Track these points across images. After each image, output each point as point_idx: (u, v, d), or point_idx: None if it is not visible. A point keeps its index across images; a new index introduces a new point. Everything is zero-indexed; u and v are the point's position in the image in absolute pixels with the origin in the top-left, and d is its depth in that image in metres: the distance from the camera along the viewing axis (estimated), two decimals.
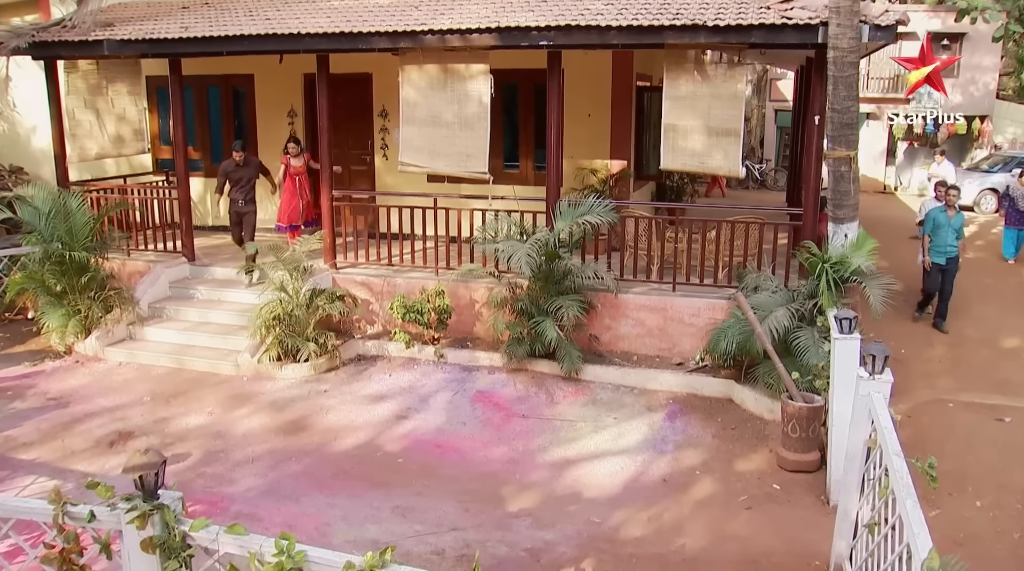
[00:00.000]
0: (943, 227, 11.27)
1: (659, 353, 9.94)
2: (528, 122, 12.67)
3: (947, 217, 11.31)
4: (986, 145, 26.40)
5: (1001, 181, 23.19)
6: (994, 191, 23.16)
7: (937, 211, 11.43)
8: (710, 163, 9.42)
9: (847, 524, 5.75)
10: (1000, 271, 14.88)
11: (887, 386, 5.54)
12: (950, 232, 11.29)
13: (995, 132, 26.64)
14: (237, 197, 11.58)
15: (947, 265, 11.31)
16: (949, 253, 11.30)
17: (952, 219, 11.33)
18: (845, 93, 8.50)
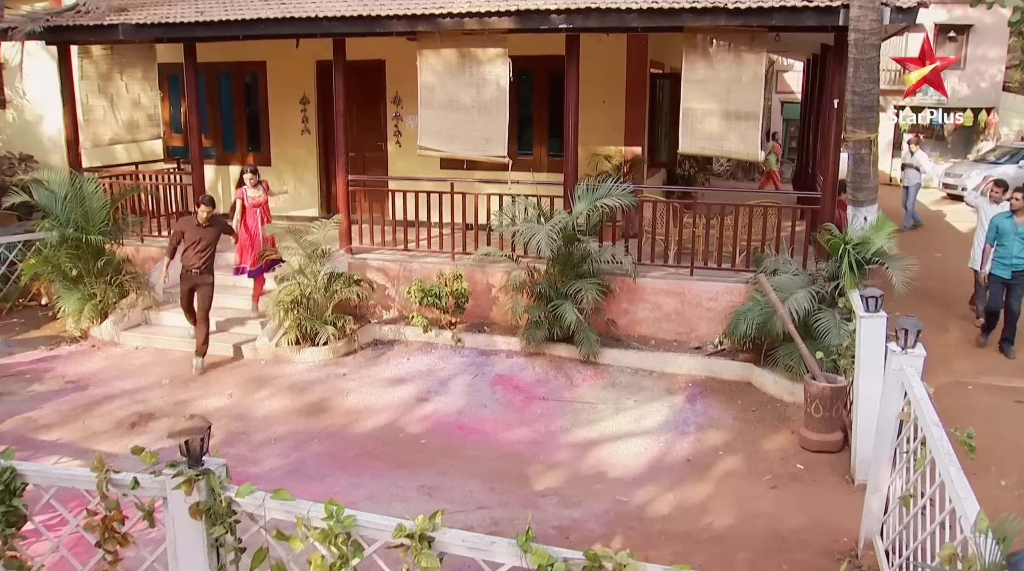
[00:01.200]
0: (1008, 235, 9.62)
1: (677, 337, 9.94)
2: (542, 109, 12.64)
3: (1013, 224, 9.61)
4: (992, 137, 26.38)
5: (1008, 172, 23.20)
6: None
7: (1002, 217, 9.72)
8: (728, 146, 9.41)
9: (878, 499, 5.74)
10: None
11: (920, 360, 5.54)
12: (1017, 241, 9.60)
13: (1001, 124, 26.63)
14: (193, 263, 9.32)
15: (1013, 279, 9.68)
16: (1016, 265, 9.65)
17: (1020, 226, 9.59)
18: (866, 75, 8.49)
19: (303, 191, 13.99)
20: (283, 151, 14.03)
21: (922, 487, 4.87)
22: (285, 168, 13.99)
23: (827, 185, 9.47)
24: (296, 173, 13.99)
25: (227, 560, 3.98)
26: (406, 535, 3.56)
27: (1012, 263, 9.59)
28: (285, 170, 13.98)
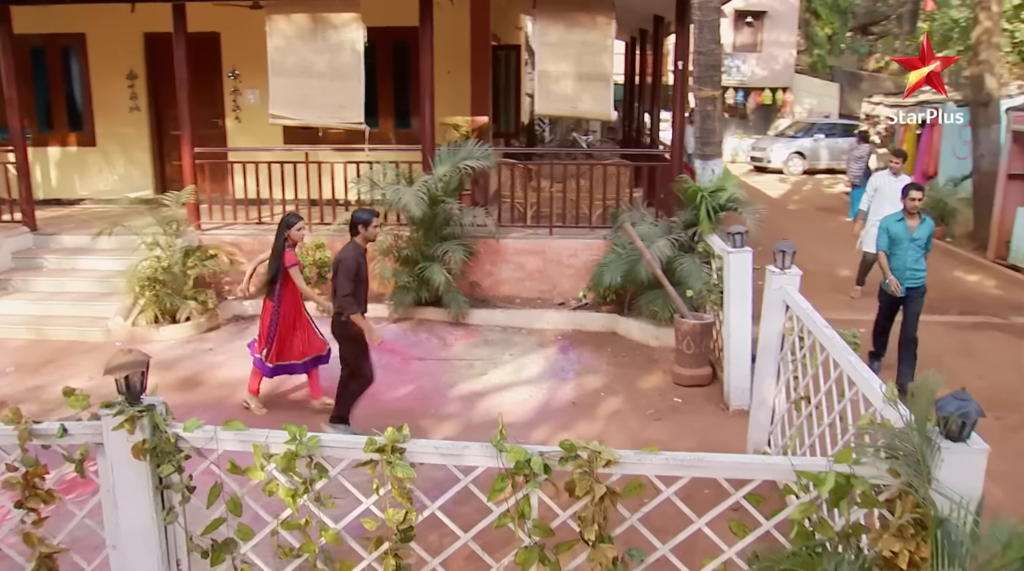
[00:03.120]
0: (901, 242, 7.75)
1: (540, 295, 10.23)
2: (387, 81, 12.60)
3: (906, 228, 7.75)
4: (788, 114, 28.54)
5: (805, 144, 25.26)
6: (800, 155, 25.15)
7: (892, 221, 7.85)
8: (582, 107, 9.78)
9: (764, 412, 6.21)
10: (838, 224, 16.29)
11: (797, 278, 6.02)
12: (912, 249, 7.74)
13: (795, 102, 28.86)
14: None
15: (908, 297, 7.80)
16: (913, 279, 7.78)
17: (915, 231, 7.76)
18: (710, 36, 9.08)
19: (134, 172, 13.25)
20: (110, 131, 13.22)
21: (814, 389, 5.33)
22: (113, 149, 13.21)
23: (675, 142, 10.01)
24: (126, 153, 13.23)
25: (175, 502, 3.82)
26: (376, 449, 3.56)
27: (907, 276, 7.74)
28: (113, 151, 13.19)
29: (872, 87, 29.67)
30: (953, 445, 3.31)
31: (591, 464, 3.48)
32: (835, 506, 3.46)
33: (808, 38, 29.83)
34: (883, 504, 3.44)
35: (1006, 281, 11.97)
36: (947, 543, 3.19)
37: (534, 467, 3.47)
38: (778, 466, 3.59)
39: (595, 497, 3.46)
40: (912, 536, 3.32)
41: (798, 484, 3.49)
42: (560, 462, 3.50)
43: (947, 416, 3.35)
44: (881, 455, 3.38)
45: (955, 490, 3.25)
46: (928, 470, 3.28)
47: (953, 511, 3.21)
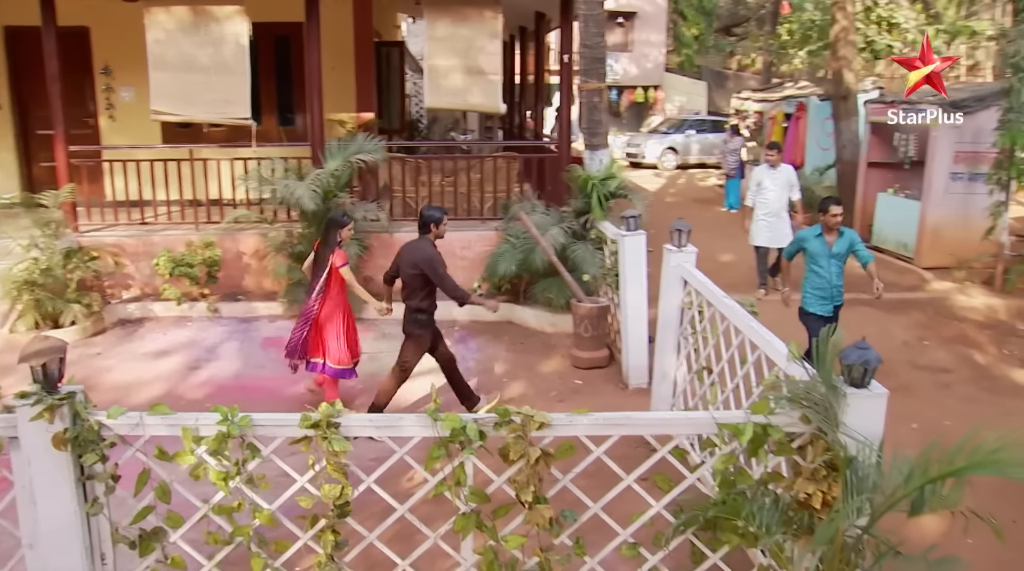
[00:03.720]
0: (821, 258, 7.25)
1: None
2: (269, 78, 12.38)
3: (824, 244, 7.25)
4: (660, 111, 29.48)
5: (677, 140, 26.16)
6: (673, 150, 26.03)
7: (810, 236, 7.33)
8: (471, 100, 9.90)
9: (667, 385, 6.48)
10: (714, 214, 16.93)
11: (693, 255, 6.31)
12: (834, 265, 7.26)
13: (666, 100, 29.84)
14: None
15: (835, 316, 7.38)
16: (838, 297, 7.38)
17: (835, 246, 7.26)
18: (595, 30, 9.34)
19: None
20: None
21: (716, 358, 5.61)
22: None
23: (563, 134, 10.26)
24: None
25: (99, 493, 3.73)
26: (311, 425, 3.58)
27: (832, 294, 7.28)
28: None
29: (737, 85, 31.01)
30: (857, 391, 3.59)
31: (524, 428, 3.60)
32: (753, 455, 3.69)
33: (676, 38, 30.92)
34: (795, 451, 3.70)
35: None
36: (856, 480, 3.46)
37: (470, 434, 3.56)
38: (700, 420, 3.80)
39: (530, 460, 3.58)
40: (824, 478, 3.58)
41: (719, 436, 3.71)
42: (495, 427, 3.60)
43: (850, 365, 3.63)
44: (795, 404, 3.63)
45: (860, 432, 3.52)
46: (836, 415, 3.55)
47: (860, 451, 3.49)
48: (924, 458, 3.39)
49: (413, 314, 6.74)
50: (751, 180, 10.87)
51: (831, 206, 7.27)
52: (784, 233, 10.39)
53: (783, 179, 10.46)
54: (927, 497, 3.38)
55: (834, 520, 3.38)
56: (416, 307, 6.72)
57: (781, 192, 10.40)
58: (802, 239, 7.43)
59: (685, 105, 29.83)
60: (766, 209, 10.44)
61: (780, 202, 10.41)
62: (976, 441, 3.28)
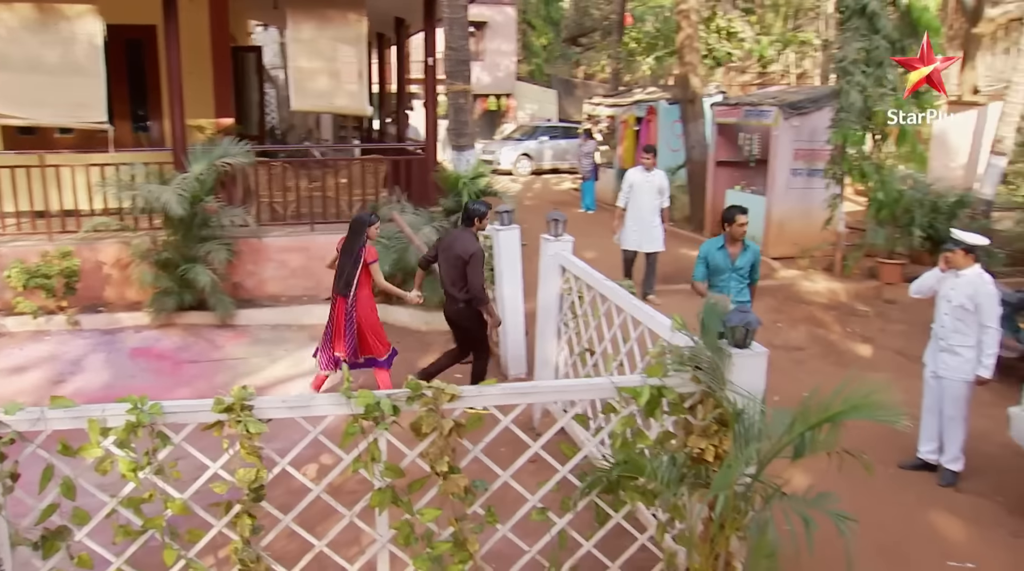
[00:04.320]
0: (723, 273, 6.95)
1: (306, 292, 10.21)
2: (121, 83, 11.94)
3: (727, 257, 6.92)
4: (512, 119, 30.03)
5: (531, 146, 26.74)
6: (527, 156, 26.59)
7: (712, 249, 6.99)
8: (337, 102, 9.91)
9: (547, 371, 6.72)
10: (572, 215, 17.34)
11: (570, 244, 6.59)
12: (735, 280, 6.99)
13: (518, 108, 30.42)
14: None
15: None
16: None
17: (737, 260, 6.95)
18: (459, 33, 9.55)
19: None
20: None
21: (598, 338, 5.89)
22: None
23: (429, 136, 10.40)
24: None
25: None
26: (224, 409, 3.59)
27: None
28: None
29: (585, 93, 31.95)
30: (740, 351, 3.91)
31: (436, 401, 3.72)
32: (650, 415, 3.96)
33: (526, 47, 31.59)
34: (688, 411, 3.98)
35: None
36: (744, 431, 3.78)
37: (384, 409, 3.66)
38: (600, 385, 4.04)
39: (443, 431, 3.71)
40: (715, 433, 3.88)
41: (619, 400, 3.96)
42: (407, 401, 3.71)
43: (733, 327, 3.96)
44: (686, 366, 3.92)
45: (745, 388, 3.85)
46: (723, 375, 3.86)
47: (746, 405, 3.81)
48: (804, 407, 3.75)
49: (456, 305, 6.97)
50: (623, 182, 10.67)
51: (737, 215, 6.85)
52: (654, 237, 10.38)
53: (656, 183, 10.41)
54: (808, 442, 3.74)
55: (728, 469, 3.68)
56: (463, 298, 6.90)
57: (653, 196, 10.34)
58: (704, 253, 7.00)
59: (536, 113, 30.51)
60: (637, 212, 10.32)
61: (652, 206, 10.33)
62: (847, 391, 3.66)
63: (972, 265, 5.98)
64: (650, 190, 10.33)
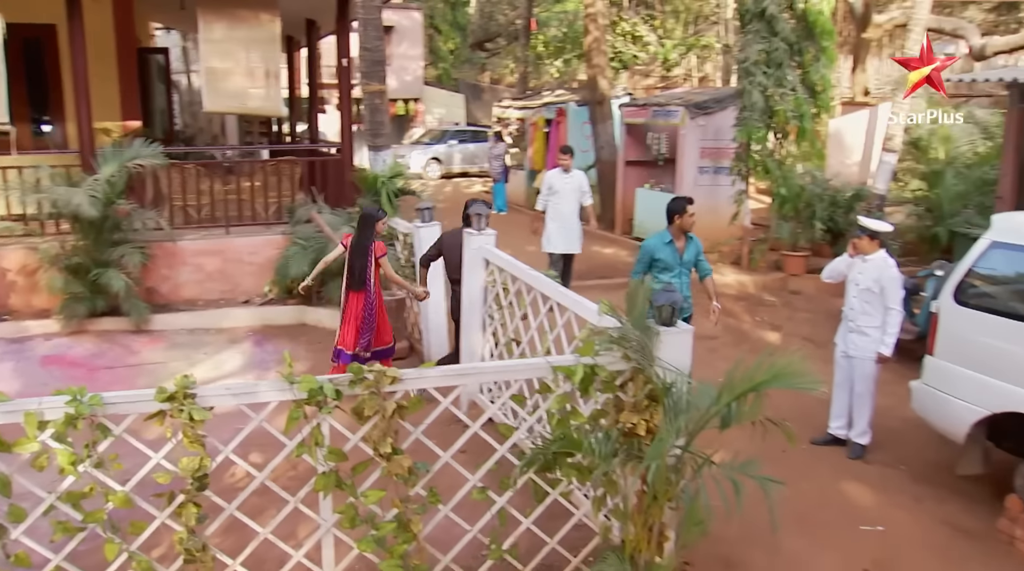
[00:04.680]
0: (670, 269, 6.64)
1: (223, 295, 10.08)
2: (19, 84, 11.56)
3: (675, 251, 6.68)
4: (421, 123, 30.03)
5: (440, 151, 26.82)
6: (437, 160, 26.65)
7: (658, 243, 6.72)
8: (251, 103, 9.84)
9: (474, 361, 6.82)
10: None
11: (493, 238, 6.71)
12: (685, 275, 6.77)
13: (426, 112, 30.45)
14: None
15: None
16: (686, 311, 6.72)
17: (686, 253, 6.76)
18: (374, 34, 9.60)
19: None
20: None
21: (524, 328, 6.04)
22: None
23: (345, 136, 10.39)
24: None
25: None
26: (167, 398, 3.59)
27: (683, 308, 5.80)
28: None
29: (492, 97, 32.18)
30: (667, 329, 4.11)
31: (378, 384, 3.80)
32: (584, 392, 4.11)
33: (433, 52, 31.64)
34: (619, 388, 4.15)
35: (635, 250, 13.85)
36: (673, 404, 3.97)
37: (327, 393, 3.72)
38: (537, 365, 4.17)
39: (386, 413, 3.79)
40: (646, 408, 4.06)
41: (554, 379, 4.10)
42: (350, 385, 3.78)
43: (660, 306, 4.16)
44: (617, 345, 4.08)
45: (673, 364, 4.04)
46: (651, 352, 4.04)
47: (674, 380, 4.00)
48: (730, 379, 3.97)
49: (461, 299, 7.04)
50: (542, 185, 10.48)
51: (687, 206, 6.57)
52: (577, 238, 10.30)
53: (575, 184, 10.21)
54: (734, 412, 3.95)
55: (660, 441, 3.86)
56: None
57: (573, 197, 10.16)
58: (651, 250, 6.61)
59: (444, 117, 30.59)
60: (558, 214, 10.08)
61: (572, 207, 10.14)
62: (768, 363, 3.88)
63: (878, 250, 6.36)
64: (570, 191, 10.14)
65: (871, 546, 5.22)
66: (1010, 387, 5.27)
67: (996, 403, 5.36)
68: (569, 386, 4.12)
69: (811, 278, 11.68)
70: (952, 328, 5.78)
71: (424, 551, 4.04)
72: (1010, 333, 5.36)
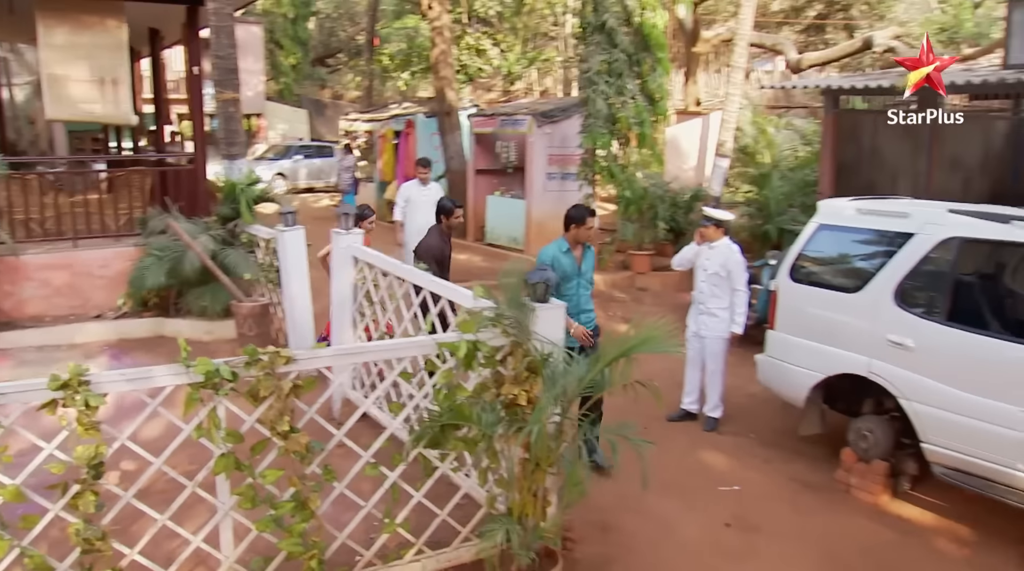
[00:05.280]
0: (569, 280, 6.06)
1: (73, 310, 9.70)
2: None
3: (573, 262, 6.11)
4: (264, 139, 29.50)
5: (285, 165, 26.46)
6: (282, 175, 26.27)
7: (555, 251, 6.07)
8: (99, 111, 9.56)
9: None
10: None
11: (360, 237, 6.87)
12: (584, 286, 6.19)
13: (270, 128, 29.96)
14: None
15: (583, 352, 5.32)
16: (589, 325, 6.13)
17: (584, 264, 6.20)
18: (227, 41, 9.53)
19: None
20: None
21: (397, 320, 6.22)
22: None
23: (198, 146, 10.25)
24: None
25: None
26: (60, 386, 3.59)
27: (583, 321, 6.08)
28: None
29: (336, 112, 32.04)
30: (541, 305, 4.42)
31: (272, 365, 3.93)
32: (468, 367, 4.37)
33: (275, 67, 31.17)
34: (500, 362, 4.43)
35: (489, 255, 14.27)
36: (551, 374, 4.28)
37: (223, 374, 3.82)
38: (424, 343, 4.40)
39: (283, 392, 3.92)
40: (526, 379, 4.36)
41: (439, 355, 4.34)
42: (245, 367, 3.88)
43: (535, 284, 4.47)
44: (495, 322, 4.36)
45: (548, 337, 4.36)
46: (528, 327, 4.35)
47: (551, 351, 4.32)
48: (603, 347, 4.33)
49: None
50: (399, 196, 10.47)
51: (587, 216, 6.09)
52: None
53: (433, 196, 9.78)
54: (607, 377, 4.31)
55: (541, 409, 4.16)
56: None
57: (430, 209, 9.20)
58: (548, 258, 6.02)
59: (288, 132, 30.17)
60: (416, 226, 9.75)
61: (429, 219, 9.14)
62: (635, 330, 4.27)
63: (722, 237, 6.95)
64: (426, 203, 9.75)
65: (730, 504, 5.72)
66: (839, 352, 5.92)
67: (829, 367, 6.00)
68: (454, 362, 4.36)
69: (657, 275, 12.42)
70: (789, 303, 6.40)
71: (322, 528, 4.17)
72: (837, 304, 6.02)
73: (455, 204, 7.56)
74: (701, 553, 5.09)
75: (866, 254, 6.05)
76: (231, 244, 9.41)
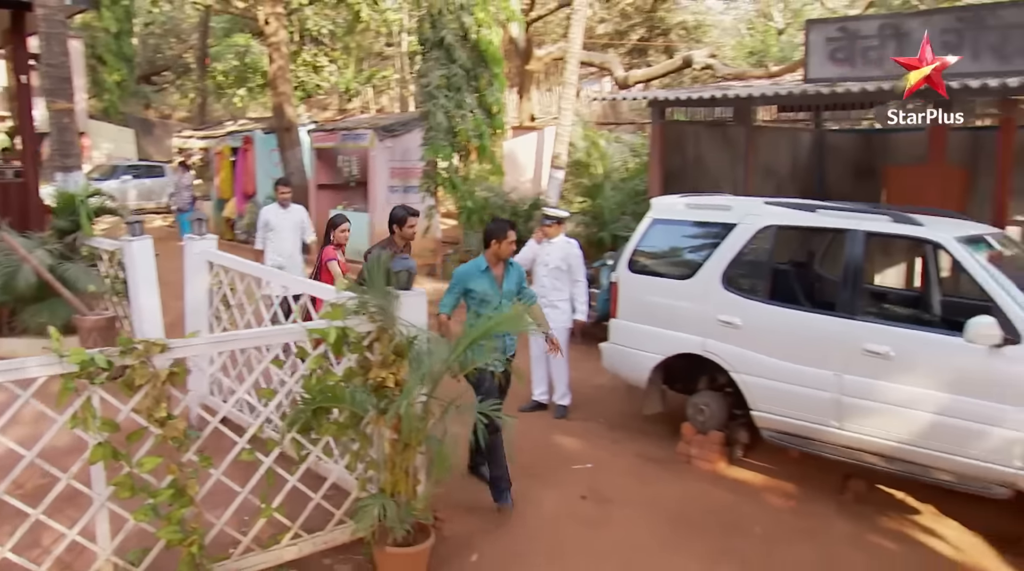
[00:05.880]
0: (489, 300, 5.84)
1: None
2: None
3: (492, 280, 5.93)
4: (88, 159, 28.11)
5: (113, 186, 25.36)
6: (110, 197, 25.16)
7: (475, 272, 5.97)
8: None
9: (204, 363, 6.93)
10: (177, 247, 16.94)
11: (213, 242, 6.90)
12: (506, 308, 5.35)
13: (93, 147, 28.58)
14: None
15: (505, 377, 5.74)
16: (511, 347, 5.94)
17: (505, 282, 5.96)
18: (58, 49, 9.25)
19: None
20: None
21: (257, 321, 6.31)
22: None
23: (28, 158, 9.87)
24: None
25: None
26: None
27: (506, 345, 5.84)
28: None
29: (164, 131, 30.98)
30: (405, 293, 4.69)
31: (147, 353, 4.00)
32: (338, 353, 4.57)
33: (98, 84, 29.78)
34: (367, 348, 4.65)
35: None
36: (416, 356, 4.55)
37: (98, 363, 3.86)
38: (294, 330, 4.58)
39: (160, 378, 4.00)
40: (393, 363, 4.61)
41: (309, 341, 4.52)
42: (120, 355, 3.94)
43: (398, 273, 4.73)
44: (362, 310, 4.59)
45: (412, 323, 4.63)
46: (393, 313, 4.60)
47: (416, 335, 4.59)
48: (466, 329, 4.63)
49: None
50: (259, 220, 9.64)
51: (508, 231, 5.83)
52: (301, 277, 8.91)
53: (296, 219, 9.39)
54: (469, 357, 4.61)
55: (408, 390, 4.41)
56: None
57: (294, 232, 9.35)
58: (464, 278, 5.91)
59: (113, 152, 28.87)
60: (278, 253, 9.14)
61: (294, 244, 9.33)
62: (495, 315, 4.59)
63: (560, 234, 7.44)
64: (290, 227, 9.29)
65: (584, 479, 6.14)
66: (676, 334, 6.49)
67: (668, 348, 6.55)
68: (324, 348, 4.55)
69: None
70: (629, 293, 6.93)
71: (201, 515, 4.24)
72: (672, 291, 6.60)
73: (409, 212, 6.66)
74: (561, 523, 5.46)
75: (696, 245, 6.65)
76: (70, 258, 9.10)
